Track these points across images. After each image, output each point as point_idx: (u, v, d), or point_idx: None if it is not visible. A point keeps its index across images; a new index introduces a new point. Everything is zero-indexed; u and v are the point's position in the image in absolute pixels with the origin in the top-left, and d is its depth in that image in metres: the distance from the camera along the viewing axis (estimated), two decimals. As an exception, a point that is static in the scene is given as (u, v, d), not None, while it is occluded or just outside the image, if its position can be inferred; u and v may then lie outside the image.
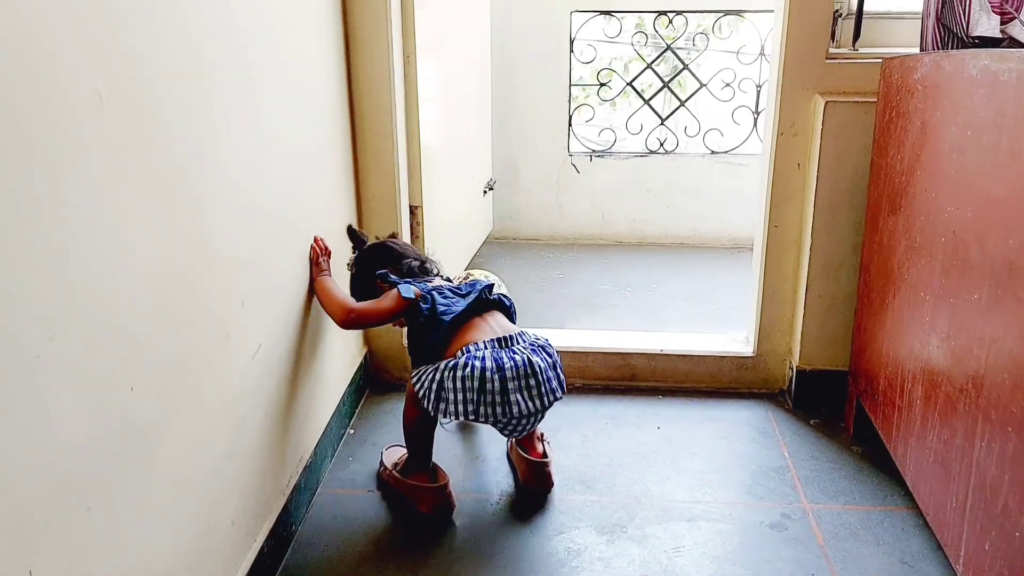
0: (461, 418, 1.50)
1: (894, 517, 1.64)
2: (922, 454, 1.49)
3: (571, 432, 1.95)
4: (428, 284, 1.70)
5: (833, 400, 2.03)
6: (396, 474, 1.69)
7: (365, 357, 2.12)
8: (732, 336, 2.25)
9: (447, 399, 1.49)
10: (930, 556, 1.52)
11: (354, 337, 2.05)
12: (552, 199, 3.66)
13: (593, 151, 3.67)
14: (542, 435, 1.81)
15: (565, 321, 2.72)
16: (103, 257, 0.91)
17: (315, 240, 1.68)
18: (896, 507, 1.67)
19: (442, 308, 1.61)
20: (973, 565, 1.28)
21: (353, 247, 1.86)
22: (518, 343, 1.59)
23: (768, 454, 1.87)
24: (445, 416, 1.50)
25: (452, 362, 1.51)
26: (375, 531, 1.59)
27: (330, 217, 1.82)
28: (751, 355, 2.14)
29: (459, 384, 1.48)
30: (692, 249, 3.66)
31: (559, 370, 1.59)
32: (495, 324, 1.63)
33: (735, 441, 1.93)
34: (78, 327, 0.87)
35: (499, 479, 1.76)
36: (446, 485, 1.65)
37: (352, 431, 1.94)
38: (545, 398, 1.53)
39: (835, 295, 1.99)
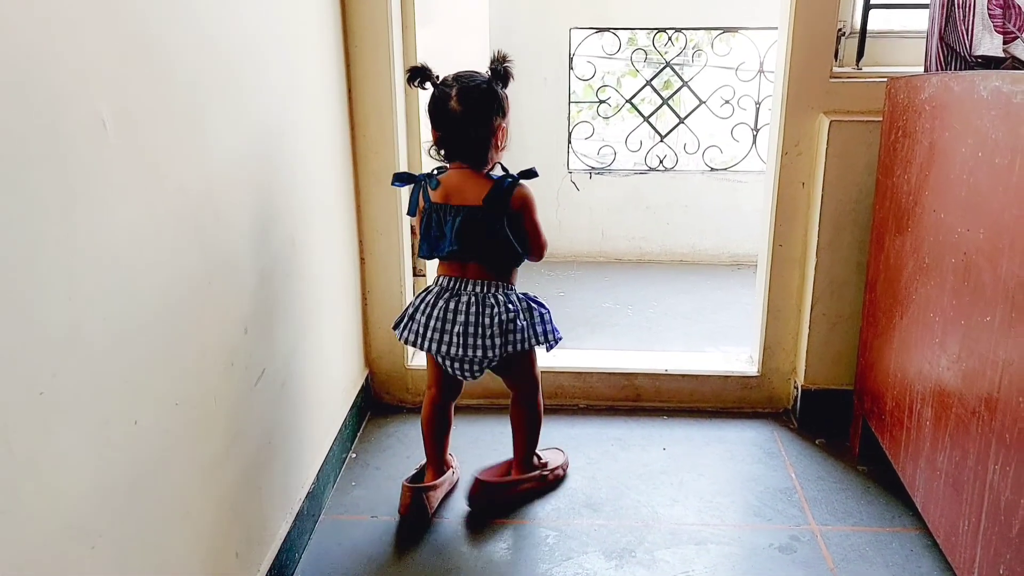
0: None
1: (903, 538, 1.62)
2: (932, 475, 1.47)
3: (577, 454, 1.93)
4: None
5: (838, 419, 2.02)
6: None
7: (367, 379, 2.10)
8: (736, 355, 2.23)
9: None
10: (942, 579, 1.51)
11: (356, 360, 2.03)
12: (552, 216, 3.65)
13: (592, 168, 3.67)
14: (538, 458, 1.81)
15: (567, 340, 2.70)
16: (106, 289, 0.90)
17: None
18: (905, 528, 1.65)
19: (423, 246, 1.62)
20: (989, 591, 1.26)
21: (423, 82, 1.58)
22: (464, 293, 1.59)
23: (775, 475, 1.85)
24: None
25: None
26: (379, 558, 1.56)
27: (332, 240, 1.81)
28: (756, 374, 2.13)
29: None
30: (692, 266, 3.66)
31: (494, 335, 1.57)
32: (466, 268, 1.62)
33: (741, 462, 1.91)
34: (81, 361, 0.85)
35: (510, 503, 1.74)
36: (424, 488, 1.66)
37: (354, 455, 1.91)
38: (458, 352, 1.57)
39: (840, 314, 1.98)
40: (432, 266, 2.23)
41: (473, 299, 1.57)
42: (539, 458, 1.80)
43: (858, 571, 1.53)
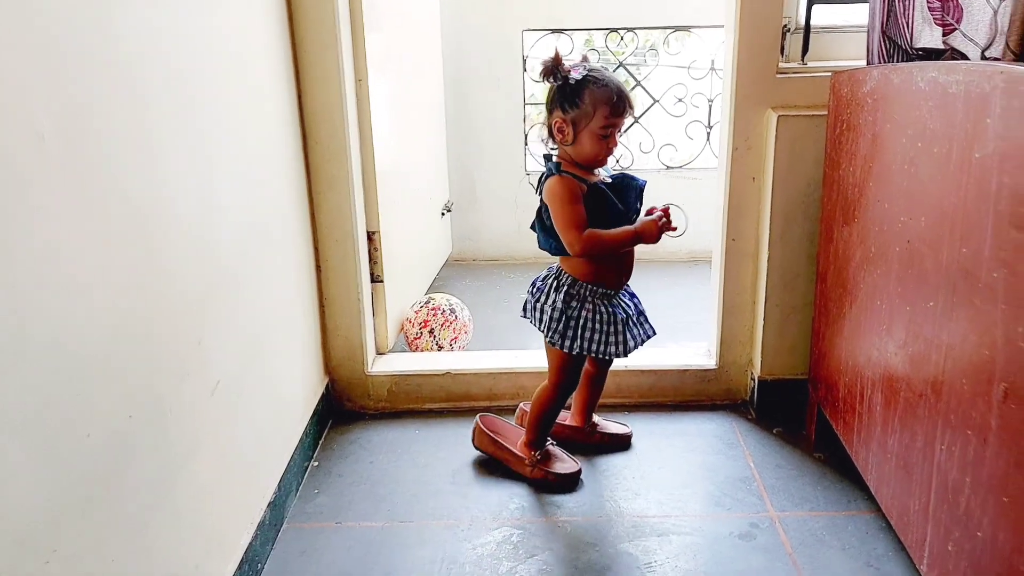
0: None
1: (858, 521, 1.66)
2: (884, 459, 1.51)
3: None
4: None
5: (795, 408, 2.05)
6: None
7: (327, 387, 2.09)
8: (694, 349, 2.26)
9: None
10: (895, 558, 1.54)
11: (315, 368, 2.02)
12: (511, 219, 3.67)
13: (549, 168, 3.69)
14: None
15: (529, 341, 2.71)
16: (53, 303, 0.88)
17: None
18: (860, 511, 1.69)
19: None
20: (938, 566, 1.30)
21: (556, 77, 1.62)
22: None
23: (734, 465, 1.88)
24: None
25: None
26: (343, 565, 1.56)
27: (287, 249, 1.80)
28: (713, 367, 2.16)
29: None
30: (650, 263, 3.69)
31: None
32: None
33: (702, 453, 1.94)
34: (28, 375, 0.84)
35: (468, 504, 1.75)
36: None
37: (316, 463, 1.90)
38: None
39: (793, 305, 2.02)
40: (391, 274, 2.24)
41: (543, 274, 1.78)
42: (542, 452, 1.83)
43: (815, 554, 1.56)
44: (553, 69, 1.59)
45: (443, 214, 3.29)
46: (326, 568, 1.54)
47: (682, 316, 2.93)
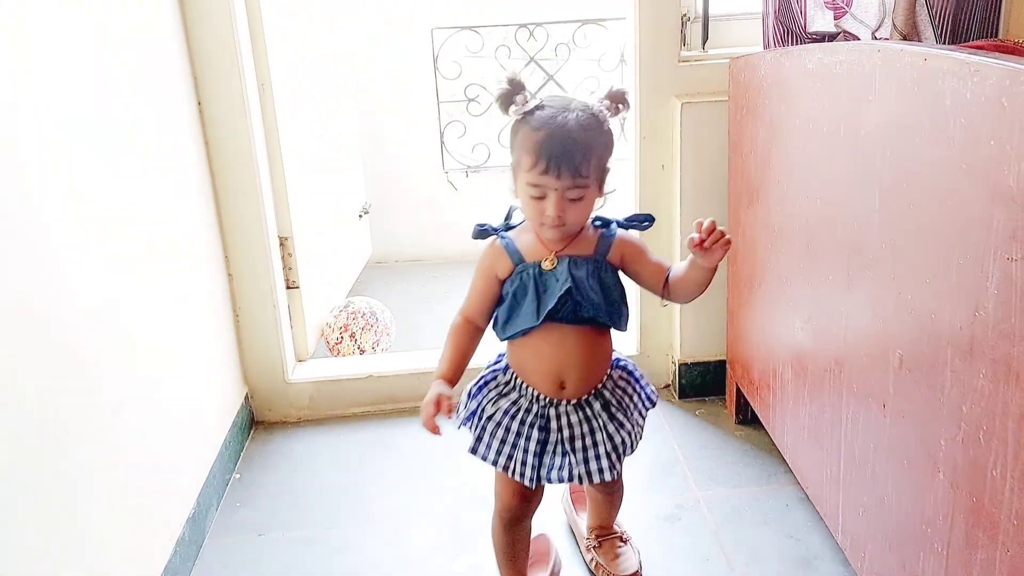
0: None
1: (779, 495, 1.70)
2: (798, 432, 1.55)
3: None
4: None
5: (715, 389, 2.10)
6: None
7: (246, 398, 2.04)
8: (620, 338, 2.28)
9: None
10: (814, 528, 1.59)
11: (232, 379, 1.97)
12: (431, 218, 3.65)
13: (468, 167, 3.68)
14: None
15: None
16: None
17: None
18: (780, 485, 1.73)
19: None
20: (851, 532, 1.34)
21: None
22: None
23: (659, 448, 1.91)
24: None
25: None
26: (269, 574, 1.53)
27: (198, 258, 1.75)
28: (636, 354, 2.19)
29: None
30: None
31: None
32: None
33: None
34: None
35: (396, 506, 1.73)
36: None
37: (238, 475, 1.86)
38: None
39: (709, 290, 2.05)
40: (307, 279, 2.19)
41: None
42: None
43: (738, 529, 1.60)
44: (507, 94, 1.20)
45: (360, 216, 3.25)
46: (251, 582, 1.51)
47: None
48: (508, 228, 1.30)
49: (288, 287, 2.12)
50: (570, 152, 1.14)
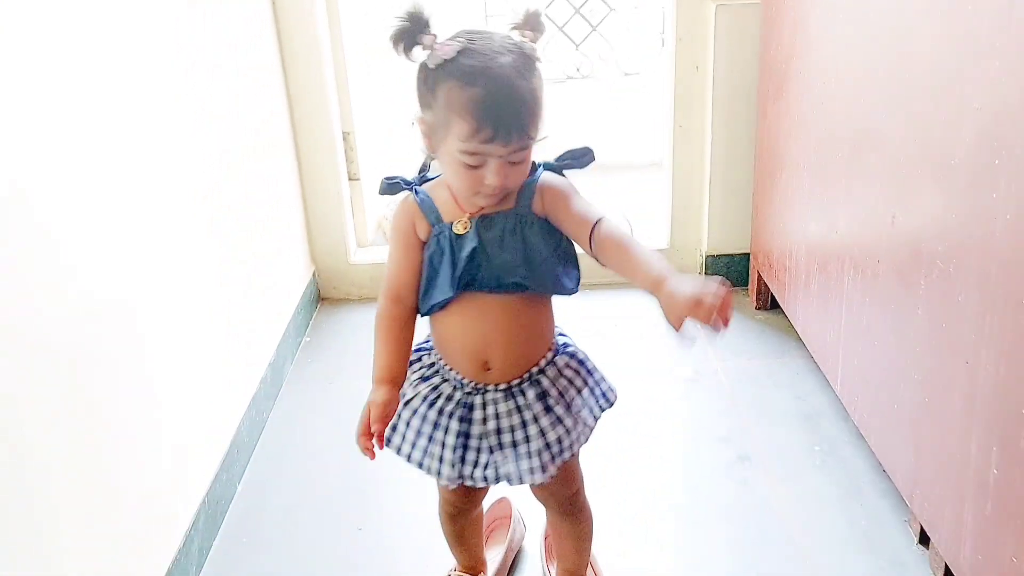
0: None
1: (791, 365, 1.89)
2: (808, 302, 1.73)
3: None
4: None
5: (739, 281, 2.27)
6: None
7: (313, 274, 2.27)
8: (650, 234, 2.46)
9: None
10: (819, 392, 1.78)
11: (301, 257, 2.19)
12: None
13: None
14: None
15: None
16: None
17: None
18: (792, 358, 1.92)
19: None
20: (848, 382, 1.53)
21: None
22: None
23: (684, 329, 2.09)
24: None
25: None
26: (338, 416, 1.77)
27: (271, 154, 1.95)
28: (666, 248, 2.36)
29: None
30: (610, 170, 3.86)
31: None
32: None
33: (656, 324, 2.14)
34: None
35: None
36: None
37: (308, 339, 2.10)
38: None
39: (736, 185, 2.21)
40: (366, 173, 2.38)
41: None
42: None
43: (751, 391, 1.80)
44: (407, 32, 0.94)
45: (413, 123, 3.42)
46: (323, 419, 1.76)
47: (639, 211, 3.13)
48: (424, 181, 1.07)
49: (350, 179, 2.32)
50: (518, 112, 0.91)
